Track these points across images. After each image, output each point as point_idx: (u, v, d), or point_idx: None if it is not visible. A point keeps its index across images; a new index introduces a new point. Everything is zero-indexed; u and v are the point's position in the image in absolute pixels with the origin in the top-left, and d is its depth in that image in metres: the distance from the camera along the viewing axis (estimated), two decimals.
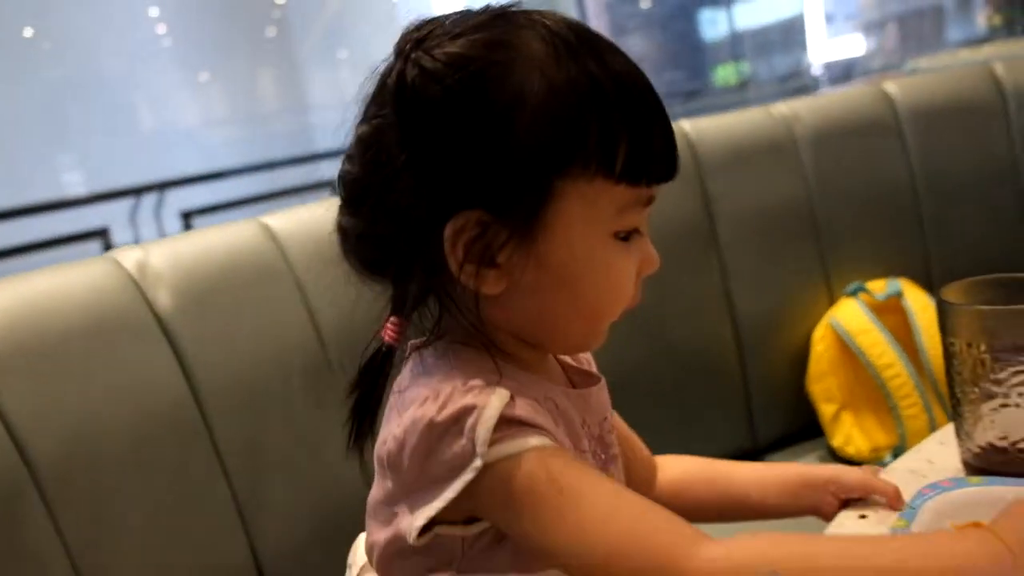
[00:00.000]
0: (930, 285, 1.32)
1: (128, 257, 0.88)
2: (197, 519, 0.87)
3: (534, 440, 0.50)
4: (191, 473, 0.87)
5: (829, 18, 9.01)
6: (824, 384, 1.28)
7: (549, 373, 0.61)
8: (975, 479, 0.61)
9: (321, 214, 1.05)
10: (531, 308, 0.55)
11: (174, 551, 0.85)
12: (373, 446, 0.60)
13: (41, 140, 5.51)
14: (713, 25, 8.64)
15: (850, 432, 1.22)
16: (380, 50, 0.56)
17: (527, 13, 0.54)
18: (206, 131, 6.56)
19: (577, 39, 0.52)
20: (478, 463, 0.48)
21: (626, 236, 0.55)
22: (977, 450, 0.64)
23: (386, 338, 0.58)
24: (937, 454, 0.71)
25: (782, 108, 1.35)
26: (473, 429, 0.49)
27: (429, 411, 0.50)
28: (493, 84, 0.51)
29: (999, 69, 1.38)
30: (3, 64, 5.24)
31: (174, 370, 0.86)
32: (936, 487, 0.59)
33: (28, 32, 5.43)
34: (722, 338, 1.33)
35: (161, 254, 0.90)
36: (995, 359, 0.61)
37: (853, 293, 1.28)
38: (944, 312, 0.63)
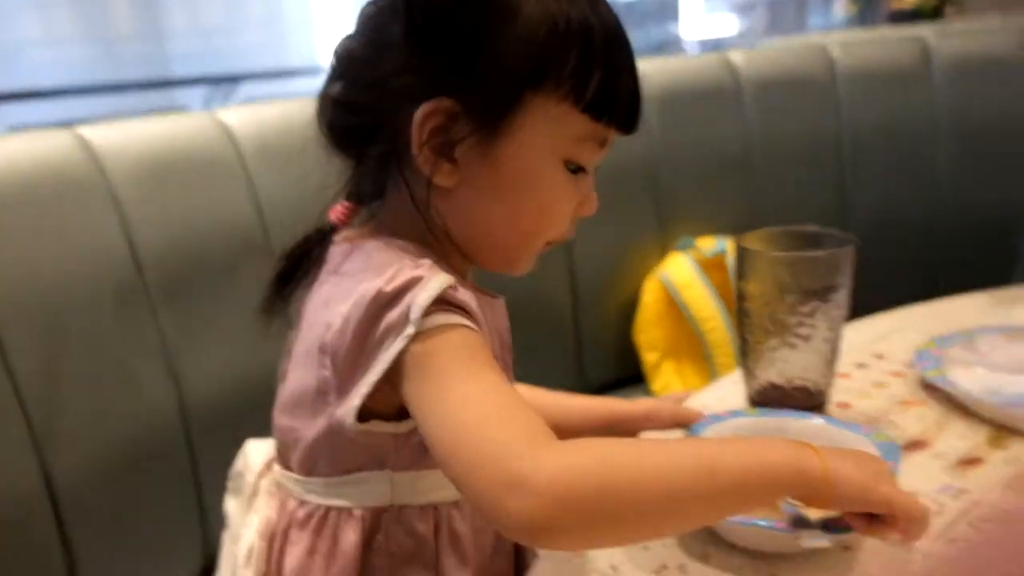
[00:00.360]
0: None
1: None
2: None
3: (462, 320, 0.52)
4: None
5: None
6: (649, 334, 1.34)
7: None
8: (751, 411, 0.66)
9: (146, 129, 1.01)
10: (474, 209, 0.58)
11: None
12: (282, 316, 0.63)
13: None
14: None
15: (669, 380, 1.29)
16: None
17: None
18: (46, 47, 6.01)
19: None
20: (411, 330, 0.49)
21: (575, 170, 0.58)
22: (759, 387, 0.69)
23: (333, 217, 0.62)
24: (730, 392, 0.77)
25: None
26: (413, 299, 0.50)
27: (378, 283, 0.51)
28: None
29: (834, 49, 1.47)
30: None
31: None
32: (715, 417, 0.64)
33: None
34: (558, 285, 1.36)
35: None
36: (781, 302, 0.66)
37: (683, 249, 1.34)
38: (740, 258, 0.67)
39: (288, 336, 0.65)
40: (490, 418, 0.47)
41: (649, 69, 1.39)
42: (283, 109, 1.08)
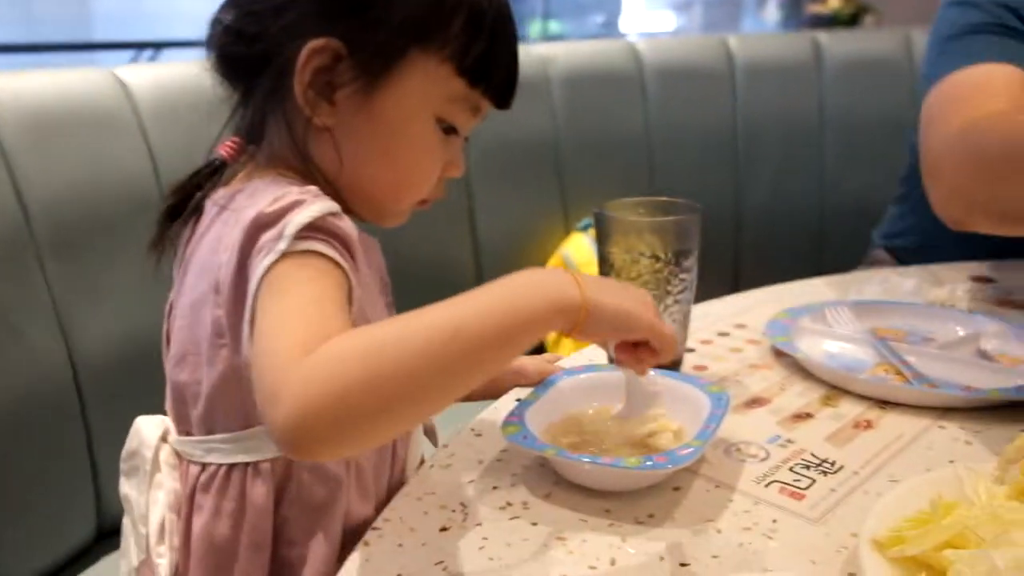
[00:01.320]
0: None
1: None
2: None
3: (333, 254, 0.51)
4: None
5: None
6: None
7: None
8: (603, 366, 0.71)
9: (41, 81, 1.00)
10: (346, 153, 0.59)
11: None
12: (171, 256, 0.63)
13: None
14: None
15: (568, 353, 1.34)
16: None
17: None
18: None
19: None
20: (282, 245, 0.50)
21: (446, 130, 0.61)
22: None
23: (223, 153, 0.62)
24: (597, 354, 0.81)
25: (540, 49, 1.42)
26: (291, 219, 0.50)
27: (261, 206, 0.52)
28: None
29: (732, 42, 1.53)
30: None
31: None
32: (569, 372, 0.68)
33: None
34: (462, 260, 1.40)
35: None
36: (636, 266, 0.70)
37: (583, 228, 1.39)
38: (599, 223, 0.72)
39: (170, 296, 0.64)
40: (281, 333, 0.46)
41: (557, 51, 1.43)
42: (183, 69, 1.08)
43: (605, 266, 0.72)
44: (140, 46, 4.35)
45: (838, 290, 1.00)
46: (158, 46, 4.29)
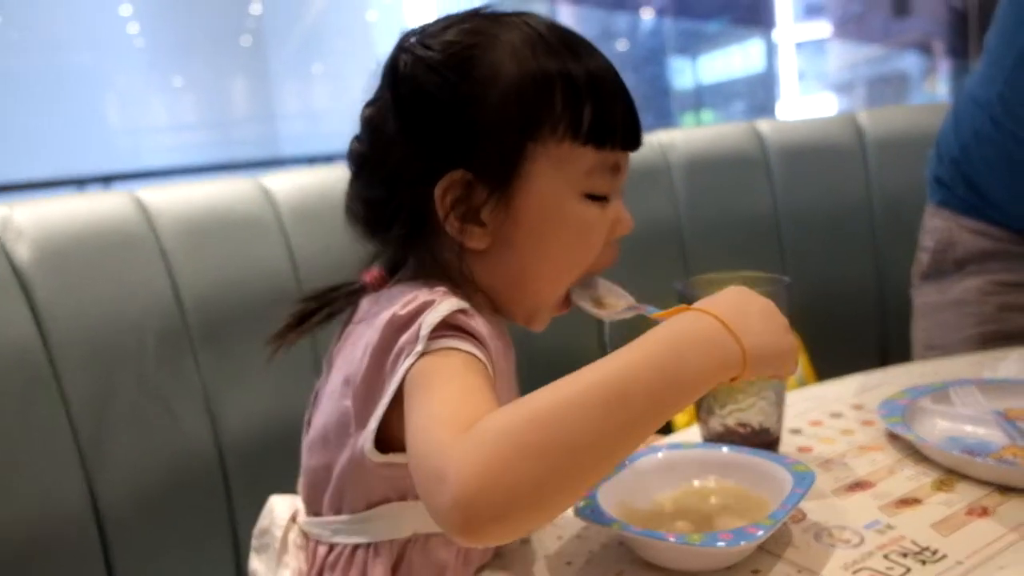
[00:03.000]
0: None
1: None
2: (37, 466, 0.92)
3: (470, 348, 0.53)
4: (33, 420, 0.92)
5: (800, 76, 9.28)
6: None
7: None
8: (687, 444, 0.69)
9: (194, 191, 1.14)
10: (512, 262, 0.61)
11: (9, 494, 0.90)
12: (288, 348, 0.67)
13: (2, 127, 5.50)
14: (682, 74, 8.86)
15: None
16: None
17: (511, 12, 0.63)
18: (173, 132, 6.59)
19: (552, 35, 0.60)
20: (420, 347, 0.52)
21: (597, 199, 0.61)
22: (712, 432, 0.73)
23: (367, 279, 0.66)
24: (694, 437, 0.79)
25: (660, 136, 1.45)
26: (424, 319, 0.53)
27: (394, 309, 0.55)
28: (470, 63, 0.58)
29: (862, 117, 1.49)
30: None
31: (26, 319, 0.92)
32: (654, 448, 0.68)
33: None
34: (589, 347, 1.41)
35: (25, 212, 0.96)
36: None
37: None
38: (684, 300, 0.72)
39: (315, 384, 0.69)
40: (436, 418, 0.47)
41: (677, 139, 1.45)
42: (320, 174, 1.20)
43: None
44: (321, 159, 4.81)
45: (972, 369, 0.92)
46: (329, 159, 4.73)
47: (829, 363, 1.37)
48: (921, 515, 0.62)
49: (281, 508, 0.66)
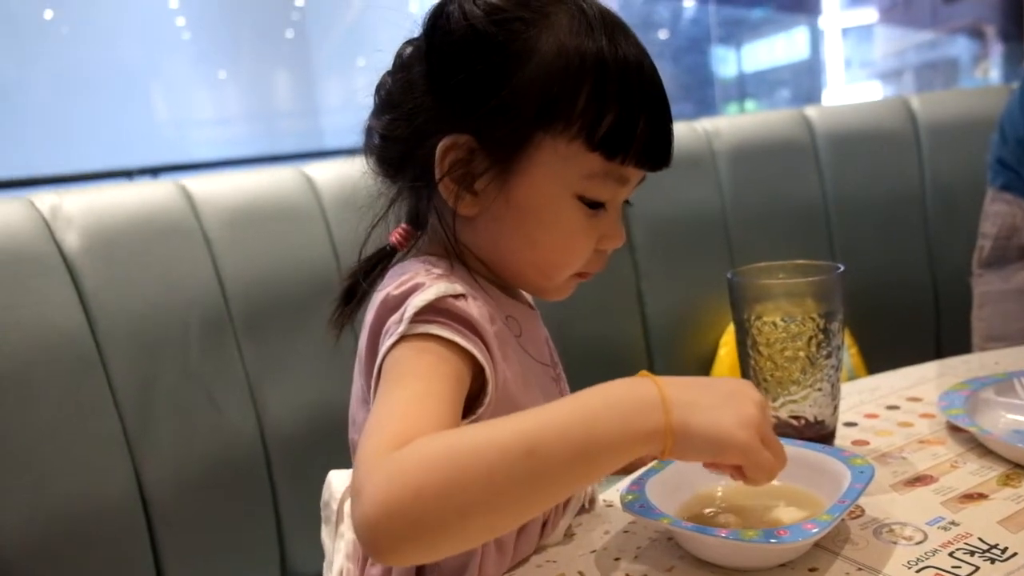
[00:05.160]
0: None
1: (43, 200, 0.96)
2: (83, 447, 0.94)
3: (452, 336, 0.53)
4: (81, 403, 0.93)
5: (847, 64, 9.07)
6: None
7: (517, 295, 0.66)
8: None
9: (238, 180, 1.14)
10: (494, 238, 0.60)
11: (57, 476, 0.92)
12: (348, 329, 0.66)
13: (55, 120, 5.62)
14: (725, 63, 8.72)
15: None
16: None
17: None
18: (218, 125, 6.68)
19: (601, 20, 0.58)
20: (401, 329, 0.52)
21: (593, 205, 0.59)
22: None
23: (392, 239, 0.65)
24: None
25: (705, 124, 1.42)
26: (410, 302, 0.53)
27: (390, 288, 0.55)
28: (512, 34, 0.57)
29: (914, 101, 1.44)
30: (22, 45, 5.37)
31: (74, 305, 0.93)
32: None
33: (48, 15, 5.58)
34: (631, 336, 1.39)
35: (75, 200, 0.97)
36: (781, 333, 0.67)
37: None
38: (734, 289, 0.70)
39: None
40: (380, 425, 0.48)
41: (721, 124, 1.42)
42: (363, 164, 1.19)
43: (741, 333, 0.69)
44: (354, 152, 4.82)
45: None
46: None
47: (881, 355, 1.34)
48: (987, 511, 0.60)
49: (338, 481, 0.67)
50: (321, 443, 1.12)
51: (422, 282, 0.55)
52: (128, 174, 4.65)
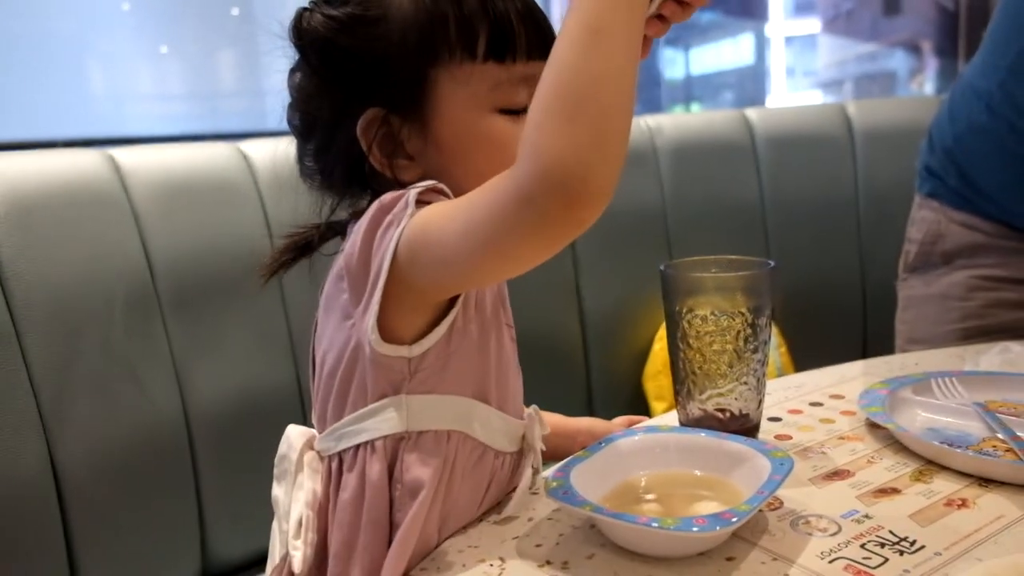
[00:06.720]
0: None
1: None
2: None
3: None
4: None
5: (789, 72, 9.26)
6: (657, 382, 1.35)
7: None
8: (664, 427, 0.68)
9: (169, 152, 1.10)
10: (447, 184, 0.60)
11: None
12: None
13: None
14: (673, 65, 8.81)
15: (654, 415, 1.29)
16: None
17: None
18: (158, 101, 6.50)
19: None
20: (411, 210, 0.54)
21: (517, 111, 0.61)
22: (690, 417, 0.71)
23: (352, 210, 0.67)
24: (672, 421, 0.78)
25: (648, 120, 1.43)
26: (410, 193, 0.56)
27: (381, 199, 0.57)
28: (365, 3, 0.60)
29: (850, 108, 1.48)
30: None
31: None
32: (630, 431, 0.66)
33: None
34: (569, 329, 1.39)
35: None
36: (710, 325, 0.68)
37: None
38: (667, 281, 0.70)
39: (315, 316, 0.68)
40: (483, 186, 0.52)
41: (665, 122, 1.43)
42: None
43: (672, 326, 0.70)
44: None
45: (953, 361, 0.92)
46: None
47: (809, 353, 1.37)
48: (899, 505, 0.61)
49: (296, 434, 0.67)
50: (248, 426, 1.10)
51: (414, 185, 0.57)
52: (53, 145, 4.49)
